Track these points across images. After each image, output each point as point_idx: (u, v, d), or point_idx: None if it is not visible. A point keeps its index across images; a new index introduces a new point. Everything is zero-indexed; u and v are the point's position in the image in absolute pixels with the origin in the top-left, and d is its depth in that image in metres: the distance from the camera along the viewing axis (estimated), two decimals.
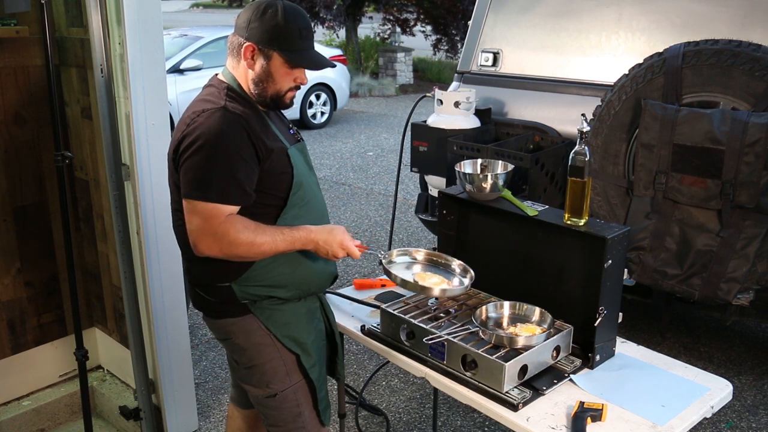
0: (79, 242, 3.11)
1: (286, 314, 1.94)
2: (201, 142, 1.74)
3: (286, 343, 1.94)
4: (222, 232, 1.75)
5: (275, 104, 1.90)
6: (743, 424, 3.16)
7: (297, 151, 1.94)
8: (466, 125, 3.60)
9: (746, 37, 2.88)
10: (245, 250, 1.78)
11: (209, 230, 1.76)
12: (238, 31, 1.84)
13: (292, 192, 1.87)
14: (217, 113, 1.77)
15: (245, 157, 1.77)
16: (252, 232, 1.78)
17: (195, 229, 1.78)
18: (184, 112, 1.87)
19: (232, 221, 1.77)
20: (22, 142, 2.86)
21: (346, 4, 14.51)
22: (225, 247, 1.77)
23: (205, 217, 1.76)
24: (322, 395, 2.04)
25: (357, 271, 4.90)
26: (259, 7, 1.81)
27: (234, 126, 1.76)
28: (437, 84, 5.78)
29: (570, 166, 1.90)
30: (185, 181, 1.78)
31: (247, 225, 1.78)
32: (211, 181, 1.75)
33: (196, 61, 8.84)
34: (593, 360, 1.90)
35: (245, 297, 1.90)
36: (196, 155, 1.75)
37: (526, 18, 3.92)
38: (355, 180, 7.35)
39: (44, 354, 3.07)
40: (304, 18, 1.84)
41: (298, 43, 1.83)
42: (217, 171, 1.74)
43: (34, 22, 2.70)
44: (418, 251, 2.16)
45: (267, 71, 1.83)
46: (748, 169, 2.65)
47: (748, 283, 2.77)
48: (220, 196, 1.75)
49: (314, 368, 1.99)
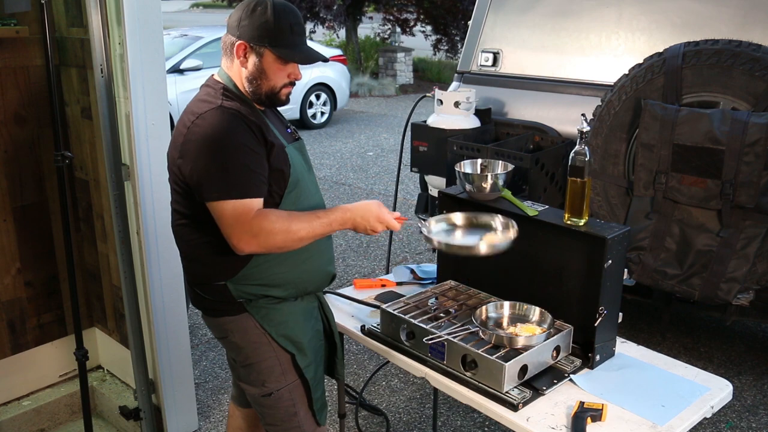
0: (79, 242, 3.11)
1: (282, 313, 1.93)
2: (206, 143, 1.74)
3: (282, 343, 1.93)
4: (256, 228, 1.73)
5: (271, 101, 1.90)
6: (743, 424, 3.16)
7: (295, 150, 1.93)
8: (466, 125, 3.60)
9: (746, 37, 2.88)
10: (282, 238, 1.76)
11: (243, 228, 1.73)
12: (230, 30, 1.84)
13: (287, 190, 1.86)
14: (216, 112, 1.77)
15: (254, 148, 1.76)
16: (286, 221, 1.76)
17: (229, 230, 1.75)
18: (182, 113, 1.86)
19: (264, 213, 1.75)
20: (22, 142, 2.86)
21: (346, 4, 14.50)
22: (263, 240, 1.75)
23: (235, 216, 1.74)
24: (318, 395, 2.03)
25: (357, 272, 4.90)
26: (248, 5, 1.81)
27: (234, 121, 1.76)
28: (437, 84, 5.79)
29: (570, 166, 1.90)
30: (203, 187, 1.76)
31: (280, 214, 1.77)
32: (228, 179, 1.73)
33: (196, 61, 8.83)
34: (593, 360, 1.90)
35: (241, 296, 1.89)
36: (205, 157, 1.74)
37: (526, 18, 3.92)
38: (355, 180, 7.35)
39: (44, 354, 3.07)
40: (294, 14, 1.84)
41: (289, 39, 1.83)
42: (230, 167, 1.73)
43: (34, 22, 2.70)
44: (455, 215, 2.08)
45: (260, 68, 1.83)
46: (748, 169, 2.64)
47: (748, 283, 2.77)
48: (241, 191, 1.74)
49: (310, 368, 1.99)
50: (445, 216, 2.08)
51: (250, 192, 1.75)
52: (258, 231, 1.73)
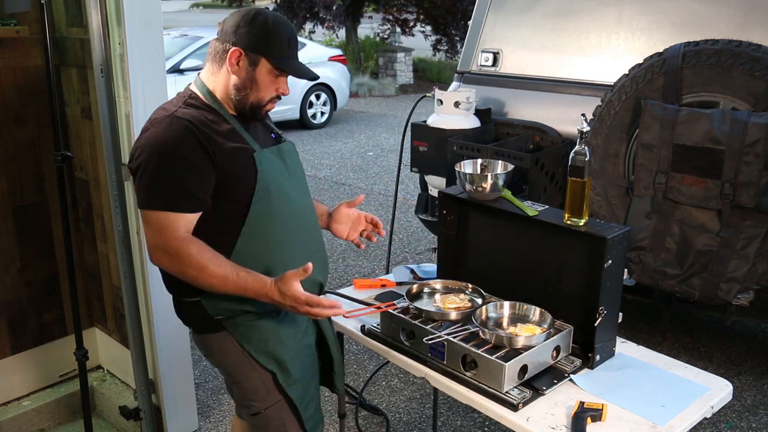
0: (79, 242, 3.11)
1: (261, 330, 1.86)
2: (146, 153, 1.72)
3: (262, 361, 1.86)
4: (174, 248, 1.70)
5: (253, 113, 1.85)
6: (743, 424, 3.16)
7: (271, 155, 1.87)
8: (466, 125, 3.60)
9: (746, 37, 2.88)
10: (194, 274, 1.70)
11: (161, 243, 1.71)
12: (224, 36, 1.81)
13: (256, 197, 1.78)
14: (165, 122, 1.74)
15: (193, 162, 1.72)
16: (206, 260, 1.70)
17: (149, 241, 1.74)
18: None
19: (190, 241, 1.71)
20: (22, 142, 2.86)
21: (345, 4, 14.50)
22: (176, 264, 1.71)
23: (156, 228, 1.71)
24: (310, 413, 1.95)
25: (357, 272, 4.90)
26: (248, 14, 1.80)
27: (179, 131, 1.72)
28: (437, 84, 5.79)
29: (570, 166, 1.90)
30: (137, 193, 1.76)
31: (204, 251, 1.71)
32: (157, 190, 1.71)
33: (196, 61, 8.83)
34: (593, 360, 1.90)
35: (218, 313, 1.83)
36: (142, 166, 1.72)
37: (526, 18, 3.92)
38: (355, 180, 7.35)
39: (44, 354, 3.07)
40: (291, 28, 1.84)
41: (286, 52, 1.81)
42: (162, 179, 1.71)
43: (34, 22, 2.70)
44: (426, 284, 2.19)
45: (252, 77, 1.80)
46: (748, 169, 2.64)
47: (748, 283, 2.77)
48: (167, 203, 1.71)
49: (295, 386, 1.91)
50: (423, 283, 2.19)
51: (177, 206, 1.72)
52: (175, 253, 1.70)
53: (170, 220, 1.71)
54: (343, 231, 2.19)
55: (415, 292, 2.14)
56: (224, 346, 1.89)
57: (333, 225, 2.18)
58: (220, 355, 1.92)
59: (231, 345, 1.88)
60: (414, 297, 2.12)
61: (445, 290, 2.16)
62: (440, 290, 2.16)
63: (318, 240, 2.01)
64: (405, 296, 2.07)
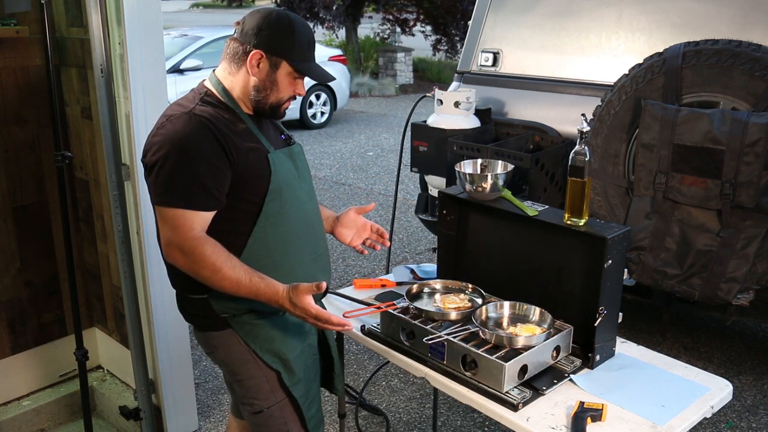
0: (79, 242, 3.11)
1: (267, 329, 1.87)
2: (165, 149, 1.71)
3: (267, 359, 1.87)
4: (190, 247, 1.70)
5: (273, 112, 1.87)
6: (743, 424, 3.16)
7: (284, 156, 1.88)
8: (466, 125, 3.60)
9: (746, 37, 2.88)
10: (208, 274, 1.71)
11: (177, 241, 1.71)
12: (244, 37, 1.80)
13: (268, 198, 1.80)
14: (183, 118, 1.74)
15: (211, 160, 1.72)
16: (220, 261, 1.70)
17: (164, 238, 1.74)
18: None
19: (206, 240, 1.71)
20: (22, 142, 2.86)
21: (345, 4, 14.51)
22: (190, 262, 1.71)
23: (173, 225, 1.71)
24: (312, 413, 1.96)
25: (357, 272, 4.90)
26: (269, 15, 1.79)
27: (199, 129, 1.72)
28: (437, 84, 5.78)
29: (570, 166, 1.90)
30: (151, 189, 1.76)
31: (219, 252, 1.71)
32: (175, 187, 1.71)
33: (196, 61, 8.83)
34: (593, 360, 1.90)
35: (224, 311, 1.85)
36: (160, 162, 1.72)
37: (526, 18, 3.92)
38: (355, 180, 7.35)
39: (44, 354, 3.07)
40: (310, 31, 1.85)
41: (306, 55, 1.83)
42: (180, 176, 1.71)
43: (34, 22, 2.70)
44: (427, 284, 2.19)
45: (272, 79, 1.81)
46: (748, 169, 2.65)
47: (748, 283, 2.77)
48: (184, 201, 1.71)
49: (298, 386, 1.92)
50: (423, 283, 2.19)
51: (194, 204, 1.71)
52: (190, 252, 1.70)
53: (186, 217, 1.71)
54: (347, 236, 2.19)
55: (415, 292, 2.14)
56: (228, 344, 1.89)
57: (338, 229, 2.19)
58: (223, 352, 1.92)
59: (235, 343, 1.88)
60: (414, 297, 2.12)
61: (445, 290, 2.16)
62: (440, 290, 2.16)
63: (323, 242, 2.02)
64: (405, 296, 2.07)
